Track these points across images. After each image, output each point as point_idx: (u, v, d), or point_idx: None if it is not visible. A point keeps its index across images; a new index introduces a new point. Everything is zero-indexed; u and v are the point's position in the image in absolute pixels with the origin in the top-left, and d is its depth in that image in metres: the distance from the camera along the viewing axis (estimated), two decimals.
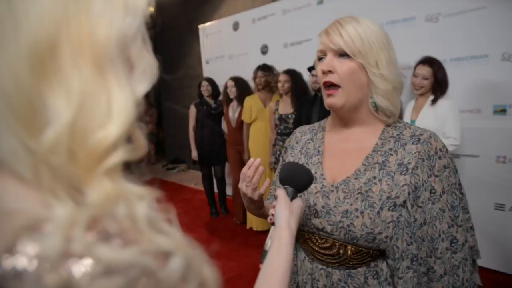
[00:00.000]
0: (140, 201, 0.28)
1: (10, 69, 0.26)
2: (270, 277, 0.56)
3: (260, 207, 0.86)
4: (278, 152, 3.00)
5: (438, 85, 2.19)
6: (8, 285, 0.22)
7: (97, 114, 0.27)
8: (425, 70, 2.20)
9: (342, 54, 0.74)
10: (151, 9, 0.32)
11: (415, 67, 2.25)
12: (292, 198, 0.69)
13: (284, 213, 0.64)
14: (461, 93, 2.36)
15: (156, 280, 0.25)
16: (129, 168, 0.30)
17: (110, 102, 0.28)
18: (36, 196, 0.26)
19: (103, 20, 0.28)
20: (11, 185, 0.27)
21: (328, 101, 0.77)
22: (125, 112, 0.28)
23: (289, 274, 0.57)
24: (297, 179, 0.71)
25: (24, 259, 0.22)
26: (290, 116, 2.93)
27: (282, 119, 2.97)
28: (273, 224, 0.66)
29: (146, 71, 0.32)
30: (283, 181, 0.72)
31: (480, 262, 0.78)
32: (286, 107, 2.97)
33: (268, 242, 0.63)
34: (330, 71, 0.74)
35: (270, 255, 0.60)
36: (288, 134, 2.94)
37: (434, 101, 2.20)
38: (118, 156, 0.28)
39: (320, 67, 0.76)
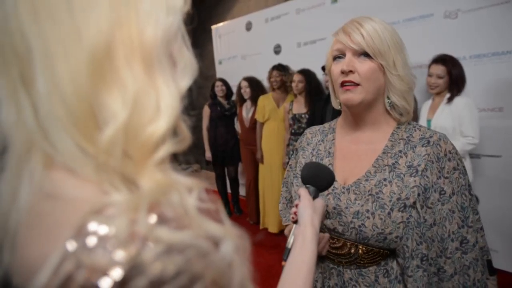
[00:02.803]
0: (190, 192, 0.30)
1: (71, 74, 0.27)
2: (295, 274, 0.57)
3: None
4: (291, 152, 2.99)
5: (454, 82, 2.12)
6: (82, 259, 0.23)
7: (147, 110, 0.29)
8: (439, 69, 2.14)
9: (362, 54, 0.74)
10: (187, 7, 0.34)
11: (429, 66, 2.19)
12: (314, 197, 0.70)
13: (308, 211, 0.65)
14: (482, 91, 2.28)
15: (208, 262, 0.26)
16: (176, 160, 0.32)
17: (158, 98, 0.30)
18: (93, 185, 0.28)
19: (150, 21, 0.30)
20: (68, 177, 0.28)
21: (345, 97, 0.76)
22: (172, 107, 0.30)
23: (313, 271, 0.58)
24: (320, 179, 0.72)
25: (95, 238, 0.24)
26: (303, 115, 2.91)
27: (295, 118, 2.95)
28: (295, 222, 0.67)
29: (187, 66, 0.33)
30: (305, 181, 0.73)
31: (501, 265, 0.75)
32: (299, 107, 2.96)
33: (291, 239, 0.64)
34: (351, 71, 0.74)
35: (294, 252, 0.60)
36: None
37: (450, 99, 2.13)
38: (167, 149, 0.30)
39: (339, 67, 0.76)
